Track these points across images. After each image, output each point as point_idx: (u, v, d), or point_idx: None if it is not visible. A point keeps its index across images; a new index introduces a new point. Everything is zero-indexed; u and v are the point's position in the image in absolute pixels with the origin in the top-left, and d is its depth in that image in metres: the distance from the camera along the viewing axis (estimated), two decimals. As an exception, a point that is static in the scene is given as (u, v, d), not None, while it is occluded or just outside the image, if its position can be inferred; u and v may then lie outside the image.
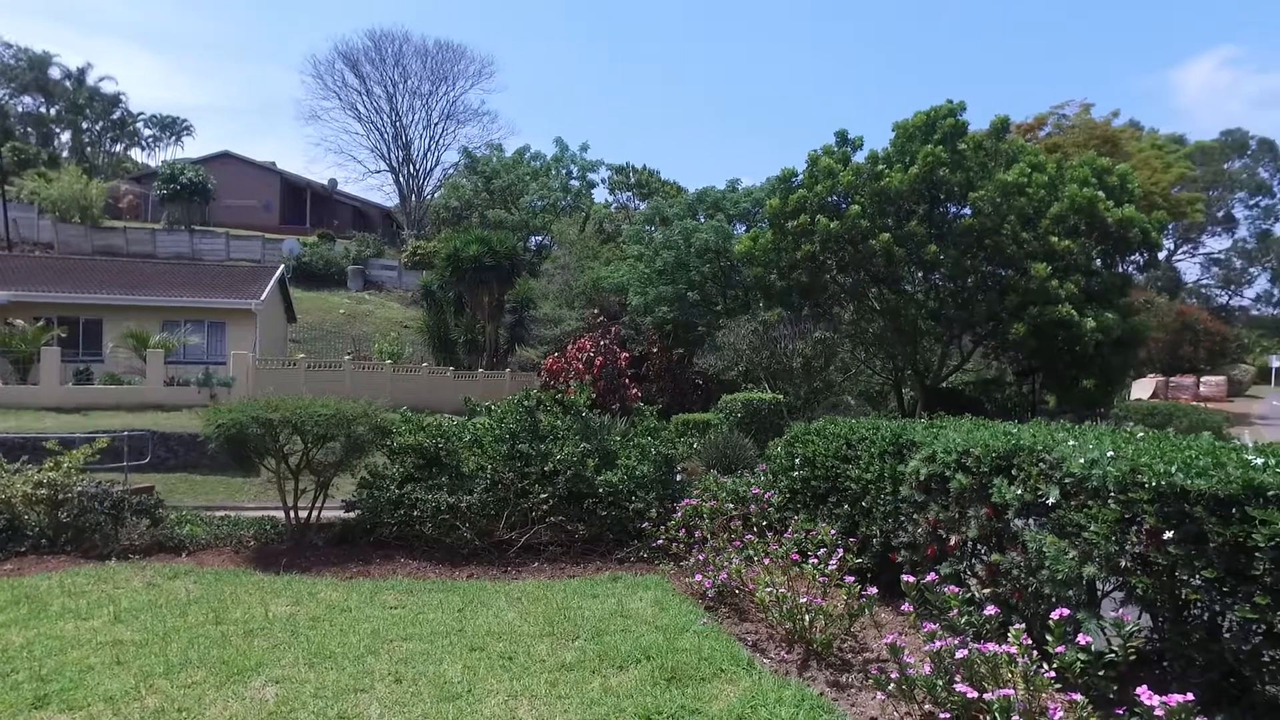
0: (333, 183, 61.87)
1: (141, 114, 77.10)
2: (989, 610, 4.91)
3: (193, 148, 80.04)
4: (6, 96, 64.32)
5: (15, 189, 44.44)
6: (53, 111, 68.10)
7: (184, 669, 5.16)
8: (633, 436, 10.17)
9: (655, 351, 26.39)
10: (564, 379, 20.72)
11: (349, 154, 79.39)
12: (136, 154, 78.03)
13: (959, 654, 4.36)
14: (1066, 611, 4.24)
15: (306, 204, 57.32)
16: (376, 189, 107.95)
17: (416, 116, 60.64)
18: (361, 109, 60.20)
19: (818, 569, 6.09)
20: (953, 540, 5.78)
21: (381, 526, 9.19)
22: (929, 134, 22.04)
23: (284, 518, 9.77)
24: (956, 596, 5.14)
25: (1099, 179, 22.03)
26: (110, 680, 4.95)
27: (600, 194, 50.58)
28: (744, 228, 29.27)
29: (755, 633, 6.09)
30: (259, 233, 48.23)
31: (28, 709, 4.57)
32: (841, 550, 6.41)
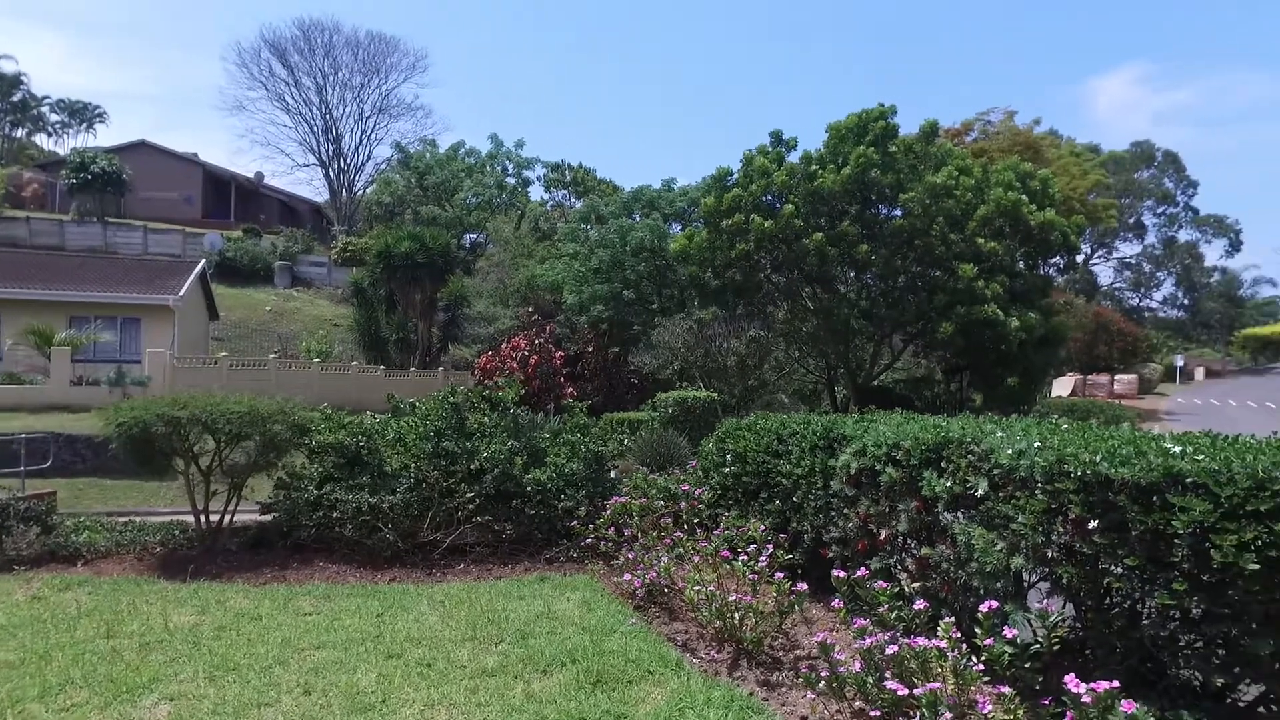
0: (259, 176, 59.64)
1: (47, 98, 72.99)
2: (919, 605, 4.87)
3: (106, 136, 75.79)
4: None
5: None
6: (-59, 91, 63.93)
7: (64, 690, 4.72)
8: (562, 434, 9.95)
9: (591, 350, 26.14)
10: (498, 377, 20.24)
11: (276, 146, 76.35)
12: (42, 140, 73.86)
13: (889, 650, 4.31)
14: (995, 604, 4.22)
15: (231, 198, 55.10)
16: (305, 183, 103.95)
17: (348, 109, 58.88)
18: (290, 100, 58.10)
19: (748, 566, 6.00)
20: (883, 535, 5.75)
21: (299, 529, 8.75)
22: (861, 136, 22.33)
23: (194, 522, 9.23)
24: (887, 591, 5.09)
25: (1023, 183, 22.65)
26: (-28, 707, 4.49)
27: (536, 192, 50.09)
28: (679, 227, 29.24)
29: (685, 632, 5.95)
30: (180, 227, 46.08)
31: None
32: (772, 547, 6.33)
